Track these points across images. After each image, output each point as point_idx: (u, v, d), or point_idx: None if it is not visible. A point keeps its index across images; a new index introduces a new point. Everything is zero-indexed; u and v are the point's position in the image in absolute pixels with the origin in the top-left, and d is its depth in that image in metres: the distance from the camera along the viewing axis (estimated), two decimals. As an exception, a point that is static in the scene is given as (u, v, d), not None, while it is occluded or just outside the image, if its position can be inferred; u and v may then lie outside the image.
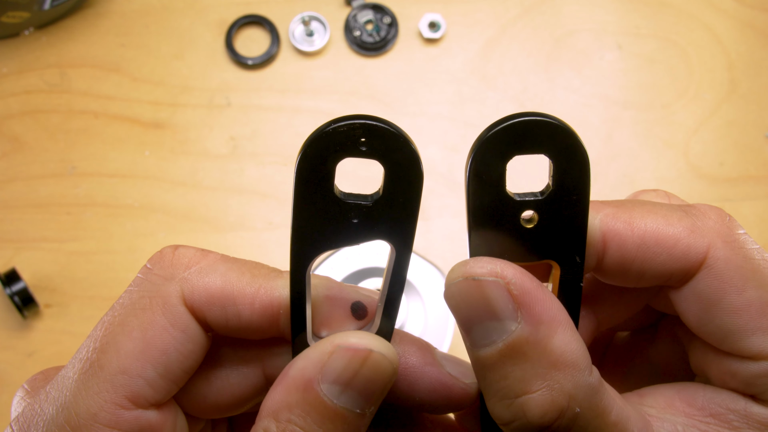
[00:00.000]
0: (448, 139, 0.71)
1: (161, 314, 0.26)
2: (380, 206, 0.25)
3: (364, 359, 0.25)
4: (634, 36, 0.74)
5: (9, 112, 0.71)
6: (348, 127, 0.24)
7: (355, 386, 0.25)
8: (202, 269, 0.27)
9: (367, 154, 0.24)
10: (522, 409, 0.23)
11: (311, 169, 0.24)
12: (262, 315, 0.27)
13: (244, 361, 0.29)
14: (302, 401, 0.25)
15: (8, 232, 0.68)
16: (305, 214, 0.25)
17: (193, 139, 0.71)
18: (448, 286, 0.25)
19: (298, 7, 0.74)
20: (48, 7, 0.70)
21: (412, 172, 0.25)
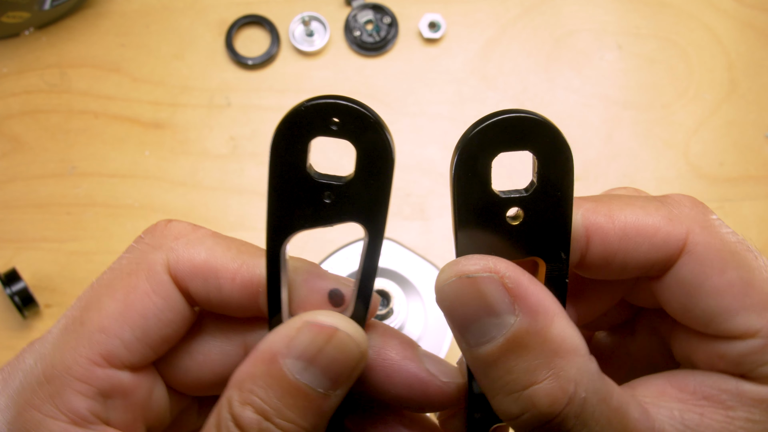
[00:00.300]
0: (448, 139, 0.71)
1: (145, 280, 0.27)
2: (352, 187, 0.25)
3: (329, 336, 0.25)
4: (634, 36, 0.74)
5: (9, 112, 0.71)
6: (322, 106, 0.24)
7: (318, 363, 0.25)
8: (190, 241, 0.28)
9: (339, 134, 0.24)
10: (531, 401, 0.23)
11: (285, 146, 0.25)
12: (242, 291, 0.27)
13: (227, 338, 0.29)
14: (266, 373, 0.25)
15: (8, 232, 0.68)
16: (279, 192, 0.26)
17: (193, 139, 0.71)
18: (440, 288, 0.25)
19: (298, 7, 0.74)
20: (48, 7, 0.70)
21: (383, 154, 0.25)
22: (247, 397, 0.25)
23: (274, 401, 0.24)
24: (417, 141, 0.71)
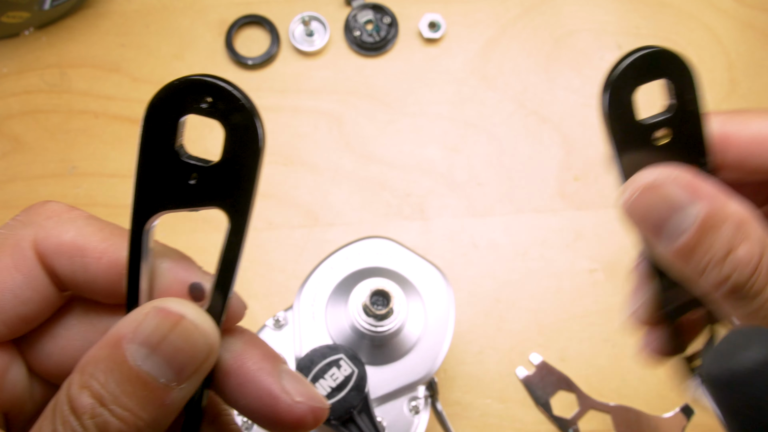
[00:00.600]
0: (448, 139, 0.71)
1: (8, 254, 0.26)
2: (218, 170, 0.25)
3: (174, 324, 0.24)
4: (634, 36, 0.74)
5: (9, 112, 0.71)
6: (196, 82, 0.24)
7: (161, 352, 0.24)
8: (61, 220, 0.28)
9: (210, 114, 0.24)
10: (734, 264, 0.27)
11: (156, 122, 0.25)
12: (108, 272, 0.27)
13: (92, 325, 0.28)
14: (108, 358, 0.24)
15: (8, 232, 0.68)
16: (144, 169, 0.25)
17: (193, 139, 0.70)
18: (630, 203, 0.29)
19: (298, 7, 0.74)
20: (48, 7, 0.70)
21: (250, 138, 0.24)
22: (87, 381, 0.24)
23: (113, 387, 0.23)
24: (417, 141, 0.71)
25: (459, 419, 0.63)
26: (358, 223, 0.68)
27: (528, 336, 0.65)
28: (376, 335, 0.50)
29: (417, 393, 0.52)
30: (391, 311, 0.49)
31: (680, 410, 0.63)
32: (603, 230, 0.68)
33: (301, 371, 0.46)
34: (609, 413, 0.63)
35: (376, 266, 0.53)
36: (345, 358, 0.46)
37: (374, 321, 0.49)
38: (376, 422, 0.47)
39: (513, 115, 0.71)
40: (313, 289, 0.53)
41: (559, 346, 0.65)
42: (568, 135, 0.71)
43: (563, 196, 0.69)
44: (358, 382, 0.46)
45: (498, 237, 0.68)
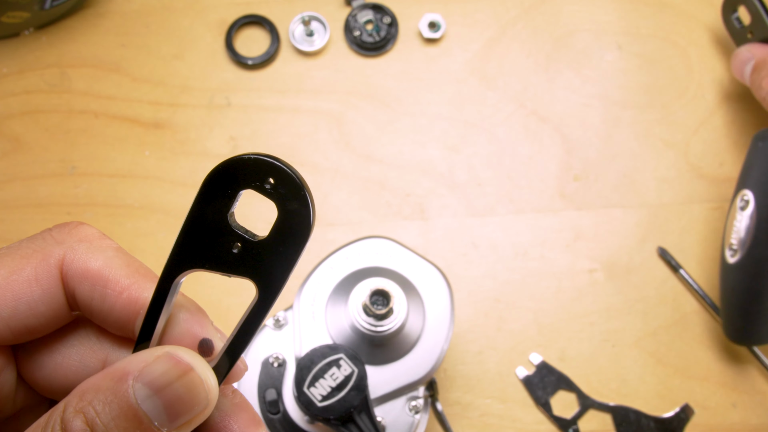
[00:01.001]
0: (448, 139, 0.71)
1: (33, 266, 0.27)
2: (261, 246, 0.26)
3: (183, 373, 0.25)
4: (634, 36, 0.74)
5: (9, 112, 0.71)
6: (266, 163, 0.25)
7: (163, 396, 0.25)
8: (92, 247, 0.28)
9: (268, 194, 0.25)
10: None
11: (216, 188, 0.26)
12: (124, 308, 0.28)
13: (90, 349, 0.29)
14: (110, 390, 0.25)
15: (8, 232, 0.68)
16: (194, 226, 0.26)
17: (193, 139, 0.71)
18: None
19: (298, 7, 0.74)
20: (48, 7, 0.70)
21: (300, 225, 0.25)
22: (84, 407, 0.24)
23: (108, 419, 0.24)
24: (417, 141, 0.71)
25: (459, 419, 0.63)
26: (358, 223, 0.68)
27: (528, 336, 0.65)
28: (376, 335, 0.50)
29: (417, 393, 0.52)
30: (391, 311, 0.49)
31: (680, 410, 0.63)
32: (603, 230, 0.68)
33: (301, 371, 0.46)
34: (609, 413, 0.63)
35: (376, 266, 0.53)
36: (345, 357, 0.46)
37: (374, 321, 0.49)
38: (376, 422, 0.47)
39: (513, 115, 0.72)
40: (313, 289, 0.53)
41: (558, 346, 0.65)
42: (568, 135, 0.71)
43: (563, 196, 0.69)
44: (358, 381, 0.46)
45: (498, 237, 0.68)
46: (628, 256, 0.67)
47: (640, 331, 0.65)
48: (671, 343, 0.65)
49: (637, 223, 0.68)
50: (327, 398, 0.45)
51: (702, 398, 0.64)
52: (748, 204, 0.58)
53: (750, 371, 0.64)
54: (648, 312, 0.66)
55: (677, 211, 0.69)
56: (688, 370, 0.64)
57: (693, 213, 0.68)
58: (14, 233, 0.68)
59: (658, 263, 0.67)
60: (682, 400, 0.64)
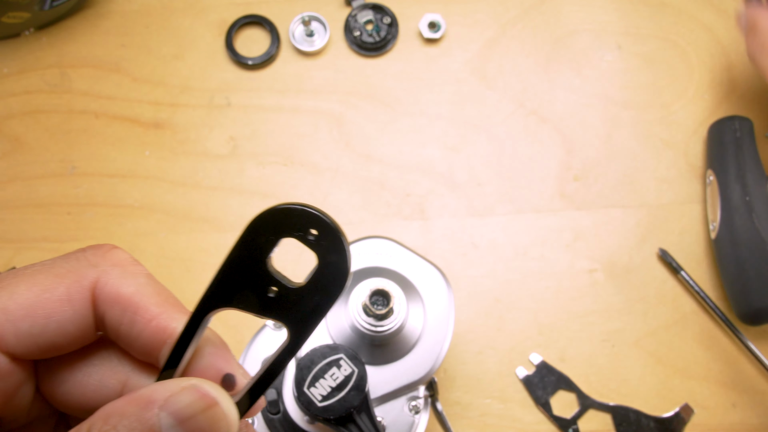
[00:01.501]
0: (448, 139, 0.71)
1: (66, 286, 0.28)
2: (298, 293, 0.27)
3: (207, 406, 0.26)
4: (634, 36, 0.74)
5: (9, 112, 0.71)
6: (311, 216, 0.26)
7: (186, 427, 0.25)
8: (126, 272, 0.29)
9: (309, 244, 0.26)
10: None
11: (259, 233, 0.27)
12: (152, 336, 0.28)
13: (111, 371, 0.30)
14: (135, 415, 0.25)
15: (8, 232, 0.68)
16: (233, 267, 0.27)
17: (193, 139, 0.71)
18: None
19: (298, 7, 0.74)
20: (48, 7, 0.70)
21: (338, 277, 0.26)
22: (108, 430, 0.25)
23: None
24: (417, 141, 0.71)
25: (459, 419, 0.63)
26: (358, 223, 0.68)
27: (528, 336, 0.65)
28: (376, 335, 0.50)
29: (417, 393, 0.52)
30: (391, 311, 0.49)
31: (680, 410, 0.63)
32: (603, 230, 0.68)
33: (301, 371, 0.46)
34: (609, 413, 0.63)
35: (376, 266, 0.53)
36: (345, 357, 0.46)
37: (374, 321, 0.49)
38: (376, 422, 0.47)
39: (513, 115, 0.72)
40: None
41: (558, 346, 0.65)
42: (568, 135, 0.71)
43: (563, 196, 0.69)
44: (358, 381, 0.46)
45: (498, 237, 0.68)
46: (628, 256, 0.67)
47: (640, 331, 0.65)
48: (671, 343, 0.65)
49: (637, 223, 0.68)
50: (327, 398, 0.45)
51: (702, 398, 0.64)
52: (713, 182, 0.66)
53: (750, 371, 0.64)
54: (648, 312, 0.66)
55: (677, 211, 0.69)
56: (687, 370, 0.64)
57: (693, 213, 0.69)
58: (14, 233, 0.68)
59: (657, 263, 0.67)
60: (681, 400, 0.64)
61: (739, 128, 0.67)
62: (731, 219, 0.64)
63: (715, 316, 0.65)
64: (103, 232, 0.68)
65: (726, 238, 0.64)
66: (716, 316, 0.65)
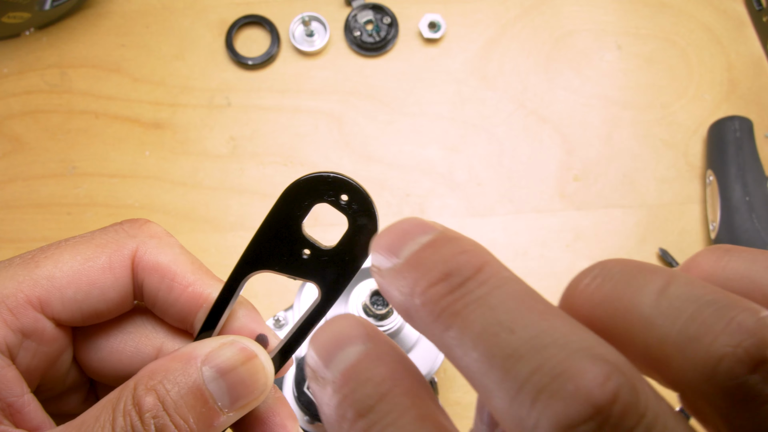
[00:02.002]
0: (448, 139, 0.71)
1: (108, 255, 0.29)
2: (329, 254, 0.28)
3: (247, 358, 0.27)
4: (634, 36, 0.74)
5: (10, 112, 0.71)
6: (342, 182, 0.27)
7: (228, 379, 0.27)
8: (163, 242, 0.31)
9: (341, 208, 0.27)
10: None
11: (294, 199, 0.28)
12: (188, 302, 0.30)
13: (147, 338, 0.31)
14: (179, 370, 0.26)
15: (9, 232, 0.68)
16: (269, 231, 0.29)
17: (193, 139, 0.71)
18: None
19: (298, 7, 0.74)
20: (48, 7, 0.70)
21: (367, 238, 0.28)
22: (155, 385, 0.26)
23: (177, 397, 0.26)
24: (417, 141, 0.71)
25: (459, 419, 0.63)
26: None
27: (528, 336, 0.65)
28: (376, 335, 0.50)
29: (417, 393, 0.52)
30: (391, 311, 0.50)
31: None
32: (603, 230, 0.68)
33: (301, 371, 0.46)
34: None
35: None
36: (345, 358, 0.46)
37: (374, 321, 0.49)
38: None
39: (513, 115, 0.72)
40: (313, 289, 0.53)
41: (558, 346, 0.65)
42: (568, 135, 0.71)
43: (563, 196, 0.69)
44: (358, 381, 0.46)
45: (498, 237, 0.68)
46: (627, 256, 0.67)
47: (640, 331, 0.65)
48: (671, 343, 0.65)
49: (636, 223, 0.68)
50: (327, 398, 0.45)
51: (702, 398, 0.64)
52: (712, 182, 0.66)
53: (750, 371, 0.64)
54: (648, 312, 0.66)
55: (677, 211, 0.69)
56: (687, 370, 0.64)
57: (693, 213, 0.69)
58: (14, 233, 0.68)
59: (657, 263, 0.67)
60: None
61: (739, 128, 0.67)
62: (731, 219, 0.64)
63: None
64: (103, 232, 0.68)
65: (726, 238, 0.64)
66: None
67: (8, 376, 0.27)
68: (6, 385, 0.27)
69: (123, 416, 0.25)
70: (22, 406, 0.27)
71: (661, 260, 0.67)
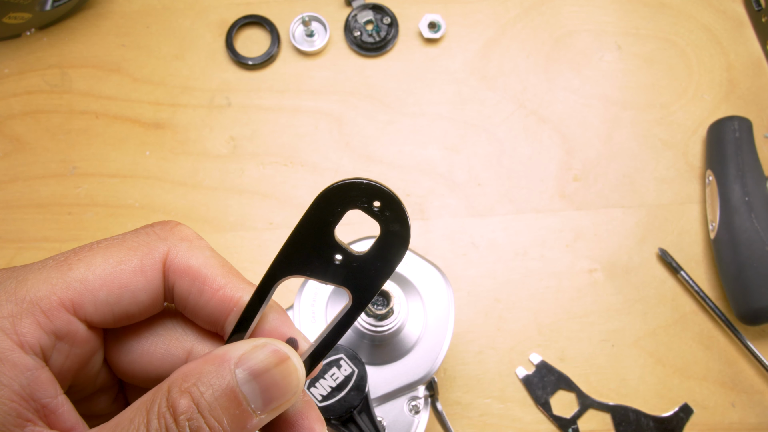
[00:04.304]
0: (448, 139, 0.71)
1: (140, 258, 0.29)
2: (362, 261, 0.29)
3: (280, 360, 0.28)
4: (634, 36, 0.74)
5: (10, 112, 0.71)
6: (376, 189, 0.28)
7: (261, 381, 0.27)
8: (194, 246, 0.31)
9: (373, 214, 0.28)
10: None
11: (327, 204, 0.28)
12: (218, 305, 0.30)
13: (177, 340, 0.31)
14: (213, 373, 0.26)
15: (9, 232, 0.68)
16: (300, 238, 0.29)
17: (193, 139, 0.71)
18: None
19: (299, 7, 0.74)
20: (49, 8, 0.70)
21: (399, 245, 0.28)
22: (189, 387, 0.26)
23: (211, 399, 0.26)
24: (417, 141, 0.71)
25: (459, 419, 0.63)
26: (358, 223, 0.68)
27: (528, 336, 0.65)
28: (376, 335, 0.50)
29: (417, 393, 0.52)
30: (391, 311, 0.50)
31: (679, 409, 0.63)
32: (602, 230, 0.68)
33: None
34: (608, 412, 0.63)
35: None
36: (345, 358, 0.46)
37: (374, 321, 0.50)
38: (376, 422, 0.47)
39: (513, 115, 0.72)
40: (313, 289, 0.53)
41: (558, 346, 0.65)
42: (568, 135, 0.71)
43: (563, 196, 0.69)
44: (358, 382, 0.46)
45: (498, 237, 0.68)
46: (627, 256, 0.67)
47: (640, 331, 0.65)
48: (670, 343, 0.65)
49: (636, 223, 0.68)
50: (327, 398, 0.45)
51: (701, 398, 0.64)
52: (712, 182, 0.66)
53: (749, 371, 0.64)
54: (647, 312, 0.66)
55: (677, 211, 0.69)
56: (687, 369, 0.64)
57: (692, 213, 0.69)
58: (15, 233, 0.68)
59: (657, 263, 0.67)
60: (681, 400, 0.64)
61: (738, 128, 0.67)
62: (730, 219, 0.64)
63: (714, 316, 0.65)
64: (103, 233, 0.68)
65: (725, 238, 0.64)
66: (715, 315, 0.65)
67: (42, 378, 0.27)
68: (40, 386, 0.27)
69: (158, 418, 0.26)
70: (56, 407, 0.27)
71: (660, 260, 0.67)
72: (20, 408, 0.26)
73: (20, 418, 0.26)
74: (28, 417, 0.26)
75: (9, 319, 0.27)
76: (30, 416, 0.26)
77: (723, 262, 0.64)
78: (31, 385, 0.27)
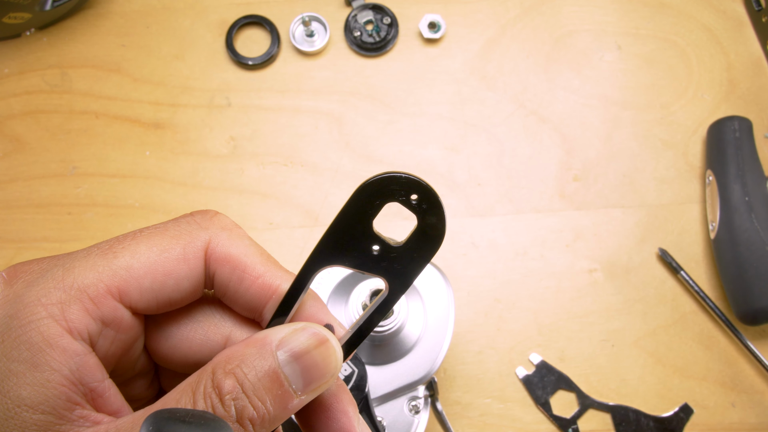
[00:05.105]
0: (448, 139, 0.71)
1: (182, 247, 0.30)
2: (399, 251, 0.29)
3: (320, 342, 0.28)
4: (634, 36, 0.74)
5: (10, 112, 0.71)
6: (414, 183, 0.29)
7: (301, 362, 0.28)
8: (233, 234, 0.31)
9: (411, 207, 0.29)
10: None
11: (366, 197, 0.29)
12: (258, 292, 0.31)
13: (215, 327, 0.32)
14: (254, 355, 0.27)
15: (9, 232, 0.68)
16: (340, 229, 0.29)
17: (193, 139, 0.71)
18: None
19: (299, 7, 0.74)
20: (49, 8, 0.70)
21: (435, 236, 0.29)
22: (233, 369, 0.27)
23: (255, 380, 0.27)
24: (417, 141, 0.71)
25: (459, 419, 0.63)
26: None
27: (528, 336, 0.65)
28: (376, 335, 0.50)
29: (417, 393, 0.52)
30: (392, 311, 0.50)
31: (679, 409, 0.63)
32: (602, 230, 0.68)
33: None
34: (608, 412, 0.63)
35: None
36: (345, 357, 0.46)
37: (374, 321, 0.49)
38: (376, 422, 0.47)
39: (513, 115, 0.72)
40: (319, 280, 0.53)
41: (558, 346, 0.65)
42: (568, 135, 0.71)
43: (563, 196, 0.69)
44: (358, 381, 0.46)
45: (498, 237, 0.68)
46: (627, 256, 0.67)
47: (640, 331, 0.65)
48: (670, 343, 0.65)
49: (636, 224, 0.68)
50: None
51: (701, 398, 0.64)
52: (712, 182, 0.66)
53: (749, 371, 0.64)
54: (647, 312, 0.66)
55: (677, 211, 0.69)
56: (687, 369, 0.64)
57: (692, 213, 0.69)
58: (15, 233, 0.68)
59: (657, 263, 0.67)
60: (681, 400, 0.64)
61: (738, 128, 0.67)
62: (730, 219, 0.64)
63: (714, 316, 0.65)
64: (103, 233, 0.68)
65: (725, 238, 0.64)
66: (716, 315, 0.65)
67: (90, 363, 0.28)
68: (89, 370, 0.28)
69: (204, 399, 0.26)
70: (103, 391, 0.28)
71: (660, 260, 0.67)
72: (70, 392, 0.27)
73: (70, 401, 0.27)
74: (77, 400, 0.27)
75: (58, 305, 0.27)
76: (79, 400, 0.27)
77: (723, 262, 0.64)
78: (80, 370, 0.27)
